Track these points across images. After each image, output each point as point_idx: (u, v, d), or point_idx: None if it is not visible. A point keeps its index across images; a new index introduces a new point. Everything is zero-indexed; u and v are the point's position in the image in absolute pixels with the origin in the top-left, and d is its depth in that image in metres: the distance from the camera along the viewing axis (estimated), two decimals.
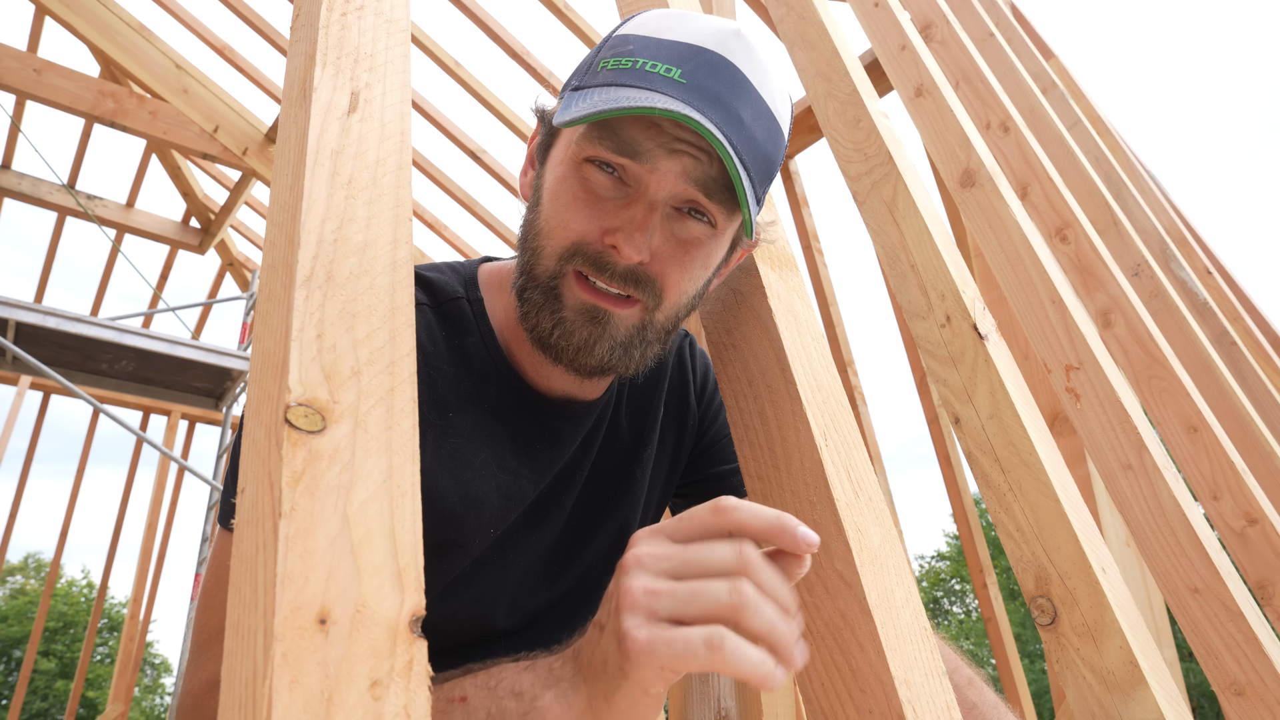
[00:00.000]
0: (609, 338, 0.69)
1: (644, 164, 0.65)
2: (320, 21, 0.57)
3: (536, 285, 0.70)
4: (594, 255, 0.67)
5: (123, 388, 4.43)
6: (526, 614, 0.85)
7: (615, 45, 0.69)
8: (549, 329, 0.70)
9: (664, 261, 0.68)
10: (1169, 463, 1.05)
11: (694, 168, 0.65)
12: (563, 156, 0.70)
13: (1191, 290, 1.68)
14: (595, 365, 0.71)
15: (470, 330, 0.80)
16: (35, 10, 3.91)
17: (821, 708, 0.54)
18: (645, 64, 0.65)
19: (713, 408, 0.98)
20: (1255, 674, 0.92)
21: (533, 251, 0.71)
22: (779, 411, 0.67)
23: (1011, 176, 1.45)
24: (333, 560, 0.34)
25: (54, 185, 4.61)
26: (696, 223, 0.68)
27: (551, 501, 0.85)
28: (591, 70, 0.69)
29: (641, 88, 0.63)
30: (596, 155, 0.66)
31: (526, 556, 0.84)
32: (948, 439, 3.02)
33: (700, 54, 0.65)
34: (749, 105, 0.66)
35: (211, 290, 5.81)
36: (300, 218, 0.45)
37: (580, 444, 0.86)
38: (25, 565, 22.64)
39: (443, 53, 3.70)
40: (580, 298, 0.68)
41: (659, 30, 0.68)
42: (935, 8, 1.64)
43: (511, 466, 0.80)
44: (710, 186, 0.66)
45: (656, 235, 0.67)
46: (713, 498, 0.98)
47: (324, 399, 0.39)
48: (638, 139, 0.65)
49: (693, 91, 0.63)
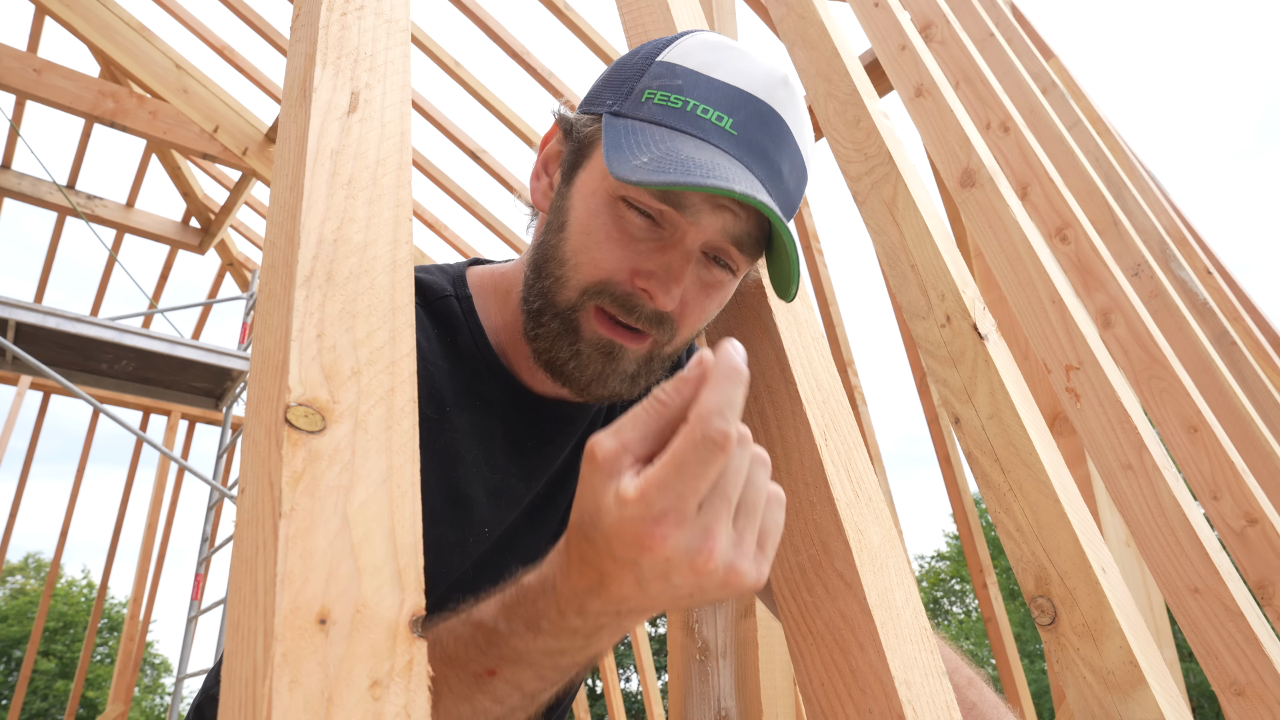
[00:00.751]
0: (620, 371, 0.70)
1: (687, 216, 0.65)
2: (320, 21, 0.57)
3: (555, 313, 0.70)
4: (622, 296, 0.67)
5: (123, 388, 4.43)
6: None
7: (662, 75, 0.68)
8: (565, 359, 0.70)
9: (687, 305, 0.69)
10: (1169, 463, 1.05)
11: (733, 223, 0.66)
12: (597, 187, 0.69)
13: (1191, 290, 1.68)
14: (605, 395, 0.71)
15: (460, 329, 0.80)
16: (35, 10, 3.91)
17: (821, 708, 0.54)
18: (697, 108, 0.65)
19: None
20: (1255, 674, 0.93)
21: (555, 279, 0.70)
22: (779, 411, 0.67)
23: (1011, 176, 1.45)
24: (333, 560, 0.34)
25: (54, 185, 4.61)
26: (720, 270, 0.69)
27: (547, 503, 0.85)
28: (634, 97, 0.68)
29: (696, 137, 0.64)
30: (638, 200, 0.66)
31: (522, 556, 0.84)
32: (948, 439, 3.02)
33: (751, 104, 0.66)
34: (788, 158, 0.67)
35: (211, 290, 5.81)
36: (300, 218, 0.45)
37: (574, 445, 0.86)
38: (25, 565, 22.64)
39: (443, 53, 3.71)
40: (598, 333, 0.68)
41: (707, 66, 0.68)
42: (935, 8, 1.64)
43: (501, 465, 0.79)
44: (744, 241, 0.67)
45: (686, 282, 0.68)
46: None
47: (324, 399, 0.39)
48: (682, 192, 0.65)
49: (743, 146, 0.64)
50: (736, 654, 1.59)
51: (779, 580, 0.61)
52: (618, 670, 9.66)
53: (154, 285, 5.50)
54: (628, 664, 20.01)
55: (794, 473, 0.63)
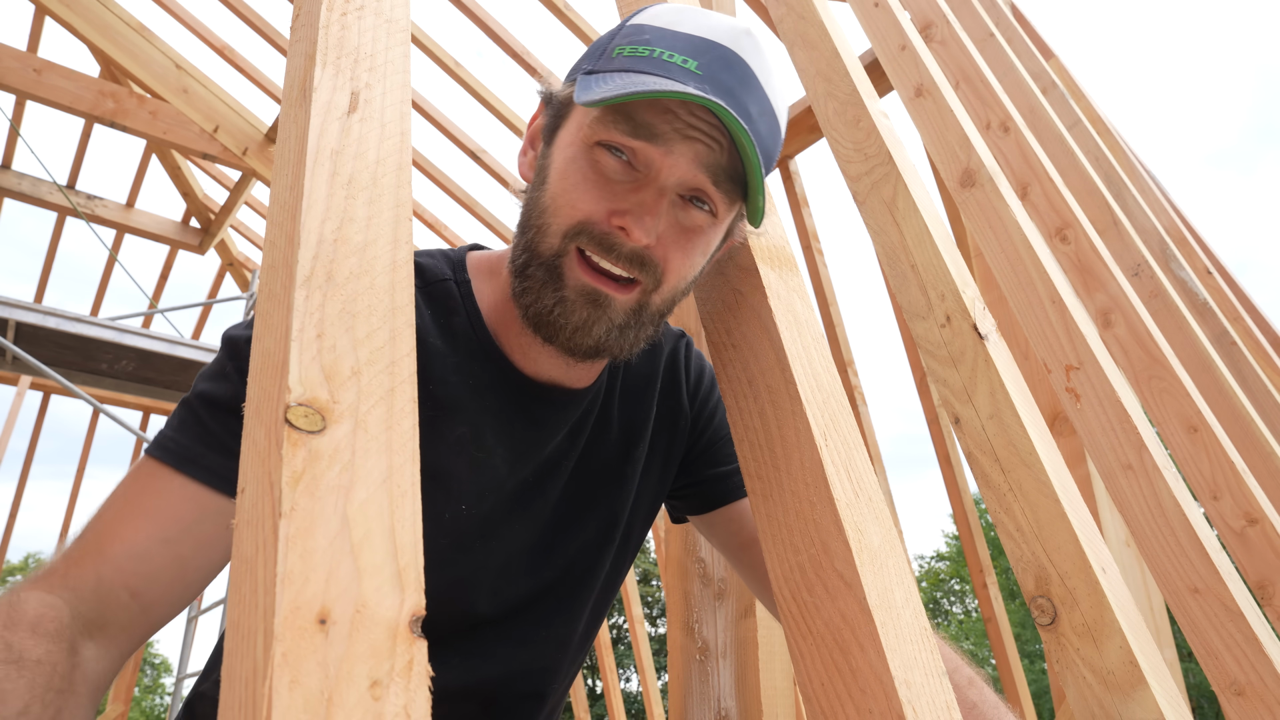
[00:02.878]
0: (606, 320, 0.71)
1: (659, 147, 0.67)
2: (320, 21, 0.57)
3: (540, 262, 0.71)
4: (600, 235, 0.69)
5: (123, 388, 4.43)
6: (509, 602, 0.85)
7: (631, 34, 0.71)
8: (550, 306, 0.71)
9: (668, 246, 0.70)
10: (1169, 463, 1.05)
11: (705, 154, 0.68)
12: (573, 138, 0.71)
13: (1191, 290, 1.68)
14: (591, 346, 0.72)
15: (457, 311, 0.81)
16: (35, 10, 3.91)
17: (821, 708, 0.54)
18: (663, 53, 0.67)
19: (708, 409, 0.98)
20: (1255, 674, 0.92)
21: (537, 229, 0.72)
22: (779, 411, 0.67)
23: (1011, 176, 1.45)
24: (333, 560, 0.34)
25: (54, 185, 4.61)
26: (699, 211, 0.71)
27: (536, 490, 0.85)
28: (606, 55, 0.71)
29: (661, 75, 0.66)
30: (610, 139, 0.68)
31: (510, 545, 0.84)
32: (948, 439, 3.02)
33: (715, 48, 0.68)
34: (756, 101, 0.68)
35: (211, 290, 5.81)
36: (300, 218, 0.45)
37: (567, 433, 0.86)
38: (25, 565, 22.64)
39: (443, 53, 3.70)
40: (582, 279, 0.70)
41: (673, 23, 0.70)
42: (935, 8, 1.64)
43: (488, 445, 0.80)
44: (718, 174, 0.69)
45: (663, 220, 0.69)
46: (711, 498, 0.97)
47: (324, 399, 0.39)
48: (653, 123, 0.67)
49: (709, 83, 0.66)
50: (736, 654, 1.59)
51: (779, 580, 0.61)
52: (618, 670, 9.67)
53: (154, 285, 5.50)
54: (628, 664, 20.02)
55: (794, 473, 0.63)
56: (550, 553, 0.88)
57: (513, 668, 0.87)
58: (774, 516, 0.63)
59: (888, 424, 51.68)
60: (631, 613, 4.24)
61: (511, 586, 0.85)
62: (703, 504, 0.97)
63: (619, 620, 21.22)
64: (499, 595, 0.84)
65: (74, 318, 3.86)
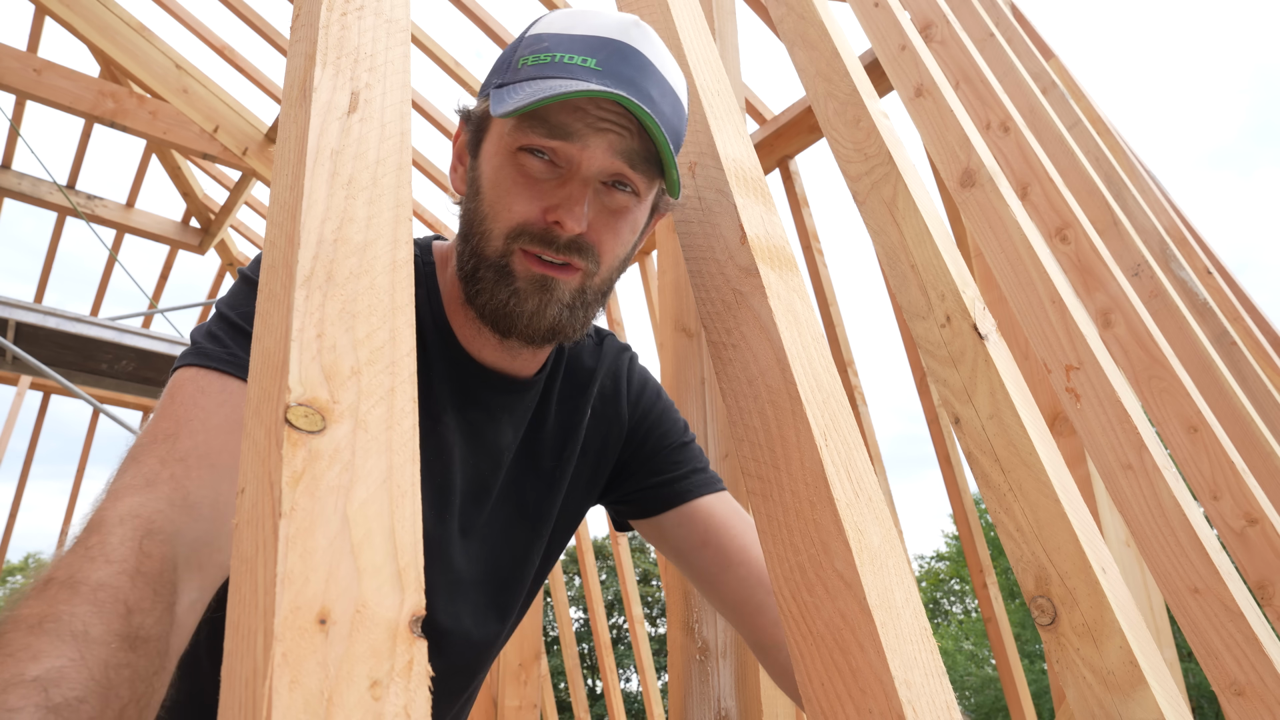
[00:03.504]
0: (556, 301, 0.76)
1: (575, 143, 0.73)
2: (320, 21, 0.57)
3: (488, 265, 0.76)
4: (539, 233, 0.74)
5: (123, 388, 4.43)
6: (433, 588, 0.86)
7: (531, 44, 0.76)
8: (505, 299, 0.76)
9: (599, 230, 0.76)
10: (1169, 463, 1.05)
11: (618, 142, 0.73)
12: (496, 148, 0.77)
13: (1191, 290, 1.68)
14: (547, 328, 0.77)
15: (420, 285, 0.87)
16: (35, 10, 3.91)
17: (821, 708, 0.54)
18: (563, 57, 0.73)
19: (649, 420, 1.01)
20: (1255, 674, 0.92)
21: (480, 235, 0.77)
22: (779, 411, 0.67)
23: (1011, 176, 1.45)
24: (333, 560, 0.34)
25: (54, 185, 4.61)
26: (622, 193, 0.77)
27: (490, 476, 0.88)
28: (511, 68, 0.76)
29: (565, 78, 0.71)
30: (530, 143, 0.73)
31: (450, 531, 0.86)
32: (948, 439, 3.02)
33: (609, 44, 0.73)
34: (655, 85, 0.74)
35: (211, 290, 5.81)
36: (300, 218, 0.45)
37: (509, 422, 0.90)
38: (25, 565, 22.64)
39: (443, 53, 3.70)
40: (530, 270, 0.75)
41: (568, 27, 0.75)
42: (935, 8, 1.64)
43: (434, 413, 0.84)
44: (634, 158, 0.74)
45: (590, 207, 0.75)
46: (654, 504, 1.00)
47: (324, 399, 0.39)
48: (567, 122, 0.72)
49: (609, 77, 0.72)
50: (736, 654, 1.59)
51: (779, 580, 0.61)
52: (618, 670, 9.66)
53: (154, 285, 5.50)
54: (628, 664, 20.00)
55: (794, 473, 0.63)
56: (484, 545, 0.90)
57: (436, 664, 0.88)
58: (774, 516, 0.63)
59: (888, 424, 51.70)
60: (631, 613, 4.24)
61: (440, 574, 0.86)
62: (645, 509, 0.99)
63: (619, 620, 21.21)
64: (435, 588, 0.86)
65: (74, 318, 3.86)
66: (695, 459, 1.00)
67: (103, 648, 0.47)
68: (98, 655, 0.47)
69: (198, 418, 0.66)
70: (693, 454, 1.00)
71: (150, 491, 0.59)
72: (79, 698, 0.44)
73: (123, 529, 0.55)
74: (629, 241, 0.80)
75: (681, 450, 1.00)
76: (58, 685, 0.44)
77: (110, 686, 0.46)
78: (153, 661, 0.50)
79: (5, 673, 0.44)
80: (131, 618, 0.50)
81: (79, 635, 0.47)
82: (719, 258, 0.81)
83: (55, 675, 0.44)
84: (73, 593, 0.49)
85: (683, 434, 1.02)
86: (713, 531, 0.93)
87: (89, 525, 0.56)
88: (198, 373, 0.70)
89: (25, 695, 0.43)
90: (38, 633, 0.46)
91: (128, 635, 0.49)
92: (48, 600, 0.49)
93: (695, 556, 0.95)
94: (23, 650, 0.45)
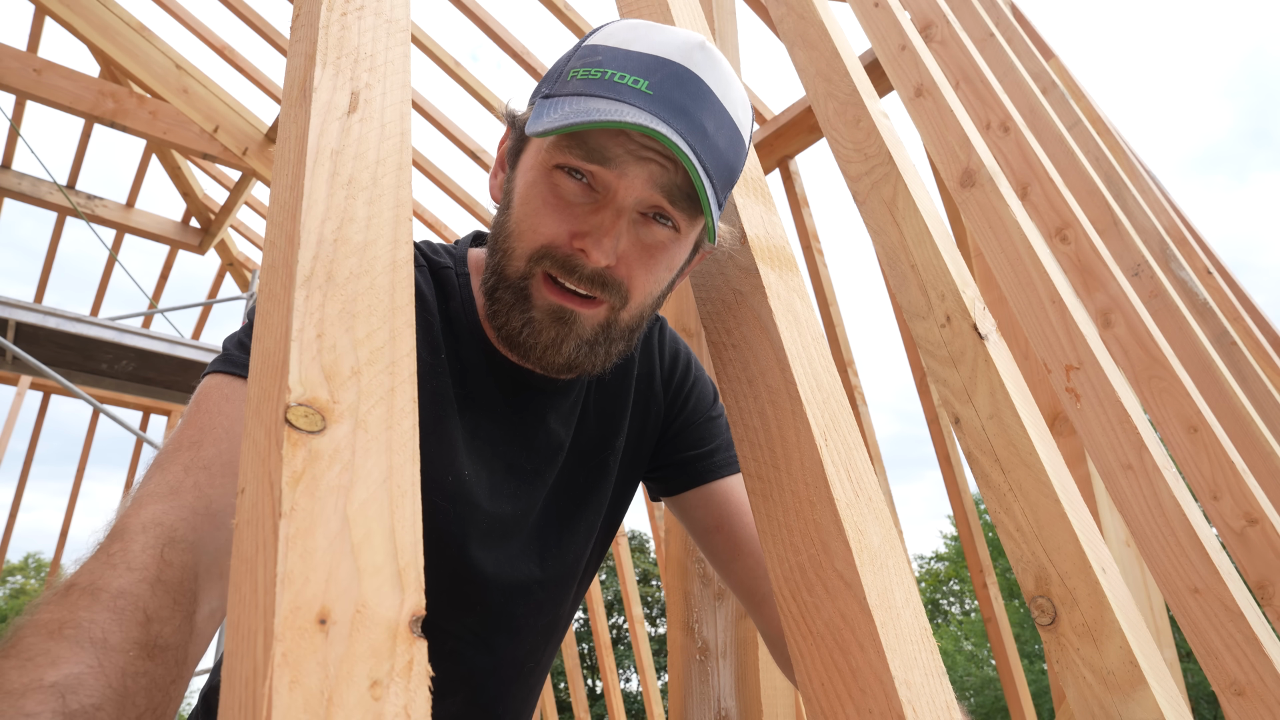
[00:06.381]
0: (575, 336, 0.72)
1: (613, 170, 0.68)
2: (320, 21, 0.57)
3: (507, 285, 0.73)
4: (562, 258, 0.70)
5: (123, 388, 4.43)
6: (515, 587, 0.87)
7: (585, 55, 0.71)
8: (518, 328, 0.73)
9: (630, 265, 0.71)
10: (1169, 463, 1.05)
11: (660, 175, 0.68)
12: (533, 163, 0.72)
13: (1191, 290, 1.68)
14: (562, 363, 0.74)
15: (454, 296, 0.85)
16: (35, 10, 3.91)
17: (821, 708, 0.54)
18: (614, 75, 0.67)
19: (682, 394, 0.99)
20: (1255, 674, 0.92)
21: (504, 253, 0.74)
22: (779, 411, 0.67)
23: (1011, 176, 1.45)
24: (333, 560, 0.34)
25: (54, 185, 4.61)
26: (661, 227, 0.71)
27: (534, 475, 0.88)
28: (562, 79, 0.71)
29: (611, 99, 0.66)
30: (566, 162, 0.69)
31: (511, 526, 0.86)
32: (948, 439, 3.02)
33: (666, 66, 0.68)
34: (712, 116, 0.68)
35: (211, 290, 5.81)
36: (300, 218, 0.45)
37: (558, 422, 0.89)
38: (25, 565, 22.63)
39: (443, 53, 3.70)
40: (548, 299, 0.71)
41: (627, 41, 0.70)
42: (935, 8, 1.64)
43: (470, 424, 0.83)
44: (674, 193, 0.69)
45: (623, 240, 0.70)
46: (678, 482, 1.00)
47: (324, 399, 0.39)
48: (607, 146, 0.67)
49: (659, 103, 0.66)
50: (736, 654, 1.59)
51: (779, 580, 0.61)
52: (618, 670, 9.65)
53: (154, 285, 5.50)
54: (628, 664, 20.00)
55: (794, 473, 0.63)
56: (550, 541, 0.90)
57: (502, 656, 0.89)
58: (774, 516, 0.63)
59: (888, 424, 51.68)
60: (631, 613, 4.24)
61: (513, 571, 0.87)
62: (668, 487, 0.99)
63: (619, 620, 21.20)
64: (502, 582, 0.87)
65: (74, 318, 3.86)
66: (720, 434, 0.99)
67: (121, 655, 0.48)
68: (115, 663, 0.47)
69: (221, 425, 0.66)
70: (718, 429, 0.99)
71: (173, 499, 0.59)
72: (95, 705, 0.45)
73: (145, 536, 0.55)
74: (664, 279, 0.75)
75: (708, 425, 0.99)
76: (75, 692, 0.44)
77: (127, 694, 0.47)
78: (170, 670, 0.50)
79: (24, 678, 0.44)
80: (150, 626, 0.50)
81: (98, 642, 0.47)
82: (719, 257, 0.81)
83: (73, 682, 0.45)
84: (93, 599, 0.50)
85: (710, 407, 1.00)
86: (725, 517, 0.93)
87: (112, 532, 0.56)
88: (224, 380, 0.69)
89: (42, 701, 0.43)
90: (57, 638, 0.47)
91: (146, 643, 0.49)
92: (68, 606, 0.49)
93: (708, 540, 0.95)
94: (41, 655, 0.46)
